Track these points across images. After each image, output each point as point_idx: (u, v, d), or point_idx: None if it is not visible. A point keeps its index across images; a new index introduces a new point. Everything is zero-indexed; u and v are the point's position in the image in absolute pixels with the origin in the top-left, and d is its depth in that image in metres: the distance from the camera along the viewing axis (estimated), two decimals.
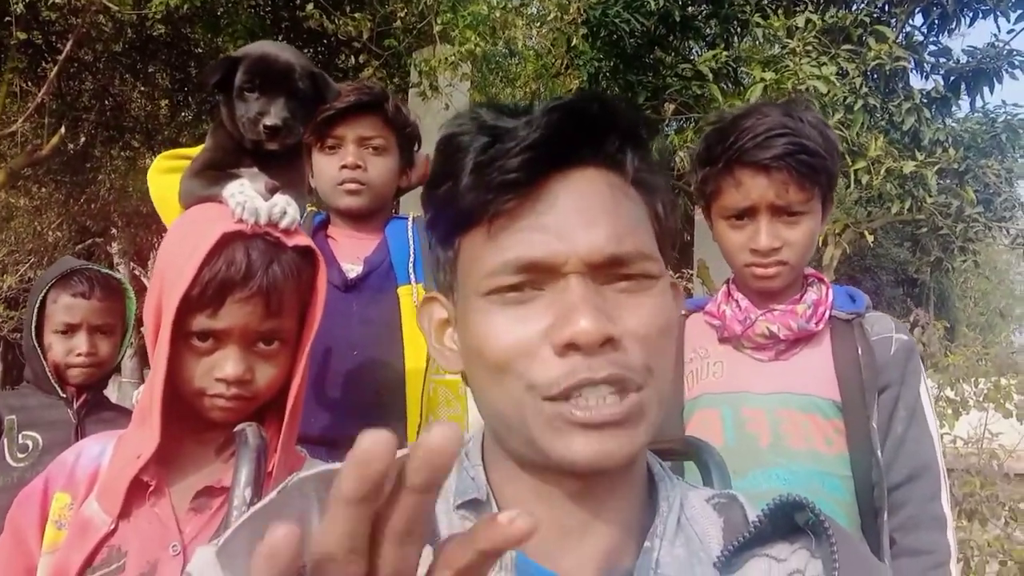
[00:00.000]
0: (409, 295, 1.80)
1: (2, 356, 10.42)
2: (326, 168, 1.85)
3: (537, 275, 0.67)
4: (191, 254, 1.09)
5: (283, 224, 1.16)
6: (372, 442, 0.38)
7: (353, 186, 1.84)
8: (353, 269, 1.83)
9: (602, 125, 0.71)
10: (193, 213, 1.22)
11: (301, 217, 1.25)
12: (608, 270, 0.68)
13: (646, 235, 0.71)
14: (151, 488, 1.13)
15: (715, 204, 1.54)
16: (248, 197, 1.15)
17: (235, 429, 1.08)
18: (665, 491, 0.74)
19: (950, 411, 4.44)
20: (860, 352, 1.52)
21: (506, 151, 0.67)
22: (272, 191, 1.24)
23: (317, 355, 1.63)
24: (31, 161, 7.76)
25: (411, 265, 1.83)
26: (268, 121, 1.22)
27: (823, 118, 1.56)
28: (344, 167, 1.83)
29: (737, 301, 1.59)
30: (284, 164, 1.30)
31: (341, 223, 1.91)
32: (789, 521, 0.72)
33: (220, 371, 1.11)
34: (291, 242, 1.16)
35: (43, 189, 10.05)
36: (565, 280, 0.67)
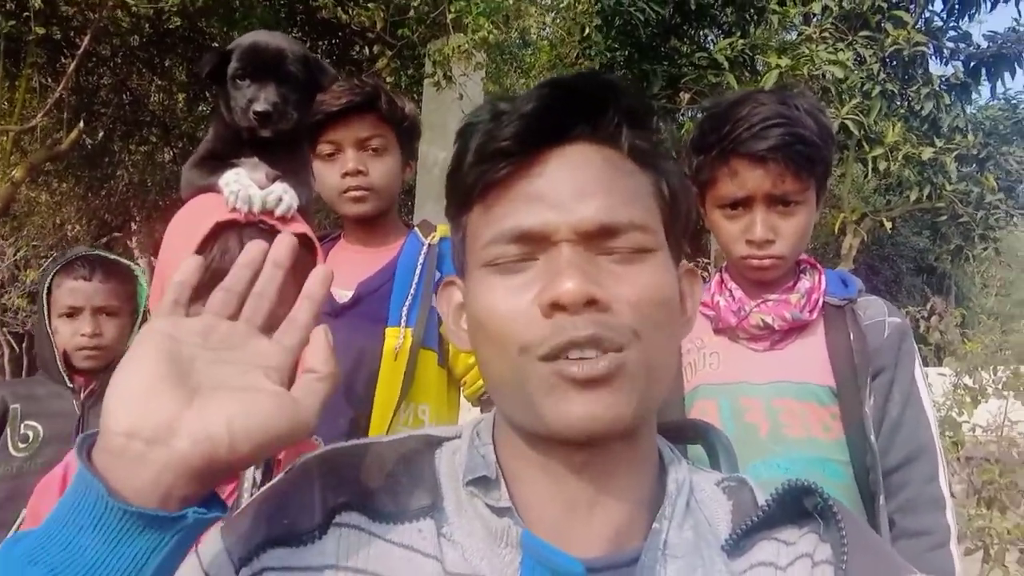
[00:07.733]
0: (394, 338, 1.72)
1: (26, 350, 10.51)
2: (327, 176, 1.78)
3: (531, 245, 0.69)
4: (186, 244, 1.10)
5: (279, 211, 1.17)
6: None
7: (357, 193, 1.77)
8: (343, 295, 1.76)
9: (597, 102, 0.72)
10: (192, 204, 1.22)
11: (302, 204, 1.25)
12: (600, 240, 0.69)
13: (644, 209, 0.72)
14: None
15: (710, 193, 1.53)
16: (242, 186, 1.16)
17: None
18: (674, 474, 0.75)
19: (969, 399, 4.40)
20: (852, 338, 1.51)
21: (502, 125, 0.70)
22: (273, 180, 1.24)
23: None
24: (51, 156, 7.80)
25: (406, 308, 1.75)
26: (258, 107, 1.22)
27: (817, 103, 1.55)
28: (346, 175, 1.76)
29: (731, 291, 1.58)
30: (285, 152, 1.30)
31: (352, 232, 1.87)
32: (798, 505, 0.72)
33: None
34: (287, 230, 1.16)
35: (63, 184, 10.10)
36: (557, 248, 0.68)
